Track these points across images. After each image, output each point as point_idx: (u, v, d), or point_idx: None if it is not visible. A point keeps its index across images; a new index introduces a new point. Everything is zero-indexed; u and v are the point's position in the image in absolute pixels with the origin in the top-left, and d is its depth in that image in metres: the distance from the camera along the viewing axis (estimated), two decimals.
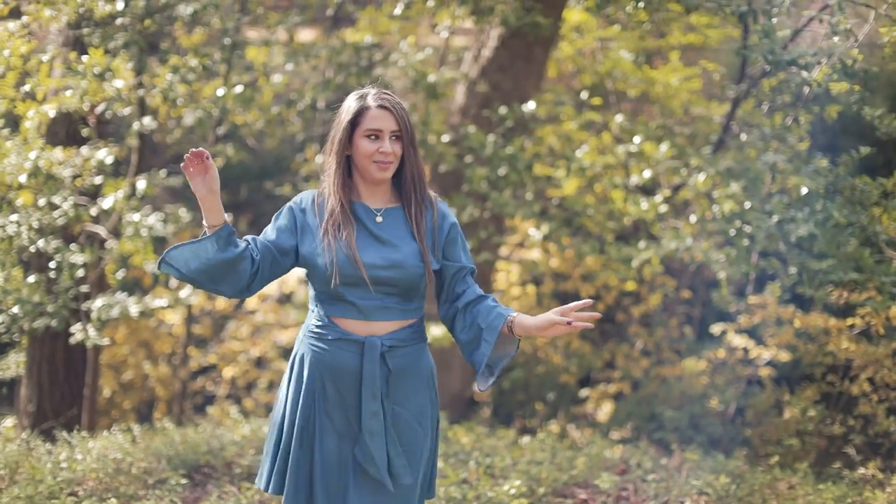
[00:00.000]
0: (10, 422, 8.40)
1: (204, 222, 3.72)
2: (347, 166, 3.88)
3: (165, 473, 5.82)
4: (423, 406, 3.90)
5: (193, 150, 3.64)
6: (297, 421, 3.85)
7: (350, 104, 3.85)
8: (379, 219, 3.84)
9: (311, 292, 3.92)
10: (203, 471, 6.21)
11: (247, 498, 5.51)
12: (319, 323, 3.85)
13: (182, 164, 3.66)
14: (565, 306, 3.69)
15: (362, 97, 3.84)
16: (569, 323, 3.65)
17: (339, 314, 3.82)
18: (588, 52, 10.10)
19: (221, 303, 11.13)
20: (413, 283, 3.80)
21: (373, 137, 3.79)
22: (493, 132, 8.50)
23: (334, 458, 3.81)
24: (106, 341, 7.31)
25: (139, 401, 11.09)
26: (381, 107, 3.82)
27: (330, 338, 3.82)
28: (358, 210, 3.85)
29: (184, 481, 5.70)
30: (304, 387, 3.86)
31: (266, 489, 3.93)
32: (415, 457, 3.85)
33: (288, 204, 3.94)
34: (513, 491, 5.64)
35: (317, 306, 3.88)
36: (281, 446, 3.89)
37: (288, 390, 3.93)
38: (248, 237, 3.83)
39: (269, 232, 3.87)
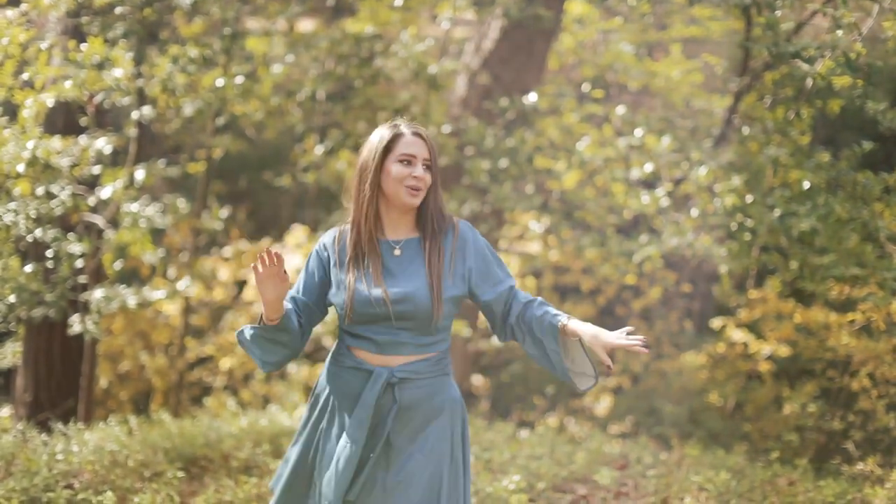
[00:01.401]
0: (6, 411, 8.37)
1: (262, 313, 3.77)
2: (377, 198, 3.86)
3: (162, 466, 5.78)
4: (436, 439, 3.84)
5: (268, 250, 3.64)
6: (304, 436, 3.98)
7: (382, 133, 3.85)
8: (397, 251, 3.85)
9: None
10: (200, 463, 6.18)
11: (244, 491, 5.48)
12: (339, 350, 3.92)
13: (252, 266, 3.67)
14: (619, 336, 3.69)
15: (394, 126, 3.85)
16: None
17: (356, 345, 3.84)
18: (589, 44, 10.06)
19: (219, 294, 11.10)
20: (426, 316, 3.77)
21: (405, 163, 3.79)
22: (493, 124, 8.47)
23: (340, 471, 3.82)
24: (103, 334, 7.27)
25: (136, 391, 11.06)
26: (416, 134, 3.84)
27: (345, 365, 3.86)
28: (381, 246, 3.85)
29: (180, 474, 5.66)
30: (317, 408, 3.96)
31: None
32: (409, 489, 3.78)
33: (314, 248, 3.98)
34: (512, 486, 5.61)
35: (340, 335, 3.94)
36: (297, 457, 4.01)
37: (312, 406, 4.02)
38: (288, 298, 3.91)
39: (303, 283, 3.95)
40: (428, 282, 3.77)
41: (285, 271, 3.65)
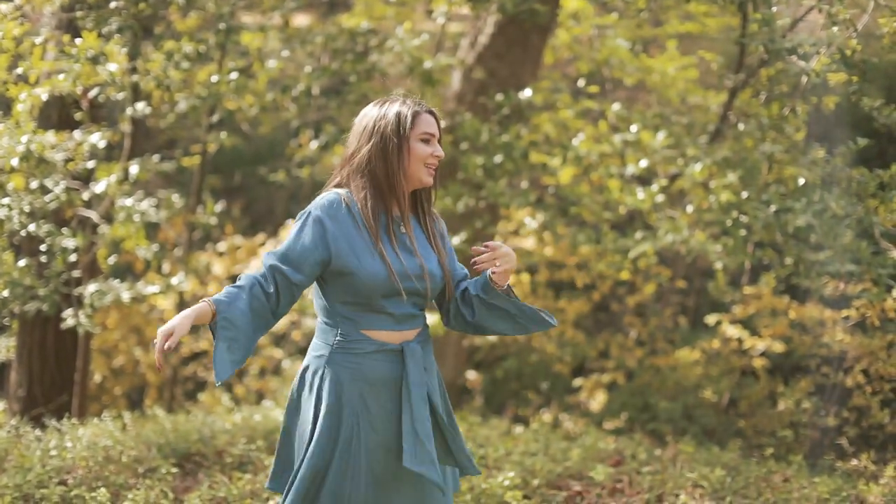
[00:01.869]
0: (0, 405, 8.36)
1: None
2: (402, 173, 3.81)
3: (156, 462, 5.77)
4: (441, 399, 3.91)
5: (157, 357, 3.62)
6: (339, 438, 3.72)
7: (399, 109, 3.79)
8: (404, 228, 3.81)
9: (324, 306, 3.81)
10: (194, 459, 6.17)
11: (238, 488, 5.47)
12: (348, 338, 3.75)
13: (157, 368, 3.64)
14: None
15: (407, 104, 3.81)
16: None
17: (370, 326, 3.74)
18: (585, 39, 10.04)
19: (213, 289, 11.08)
20: (437, 291, 3.84)
21: (426, 142, 3.79)
22: (489, 119, 8.46)
23: (383, 470, 3.74)
24: (97, 329, 7.26)
25: (130, 386, 11.06)
26: (430, 112, 3.84)
27: (367, 350, 3.73)
28: (393, 222, 3.81)
29: (174, 470, 5.65)
30: (342, 404, 3.73)
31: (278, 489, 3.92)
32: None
33: (310, 213, 3.75)
34: (507, 482, 5.60)
35: (339, 321, 3.77)
36: (313, 460, 3.72)
37: (316, 407, 3.77)
38: (257, 274, 3.72)
39: (297, 256, 3.70)
40: (437, 258, 3.82)
41: (173, 338, 3.63)
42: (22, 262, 6.90)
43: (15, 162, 6.55)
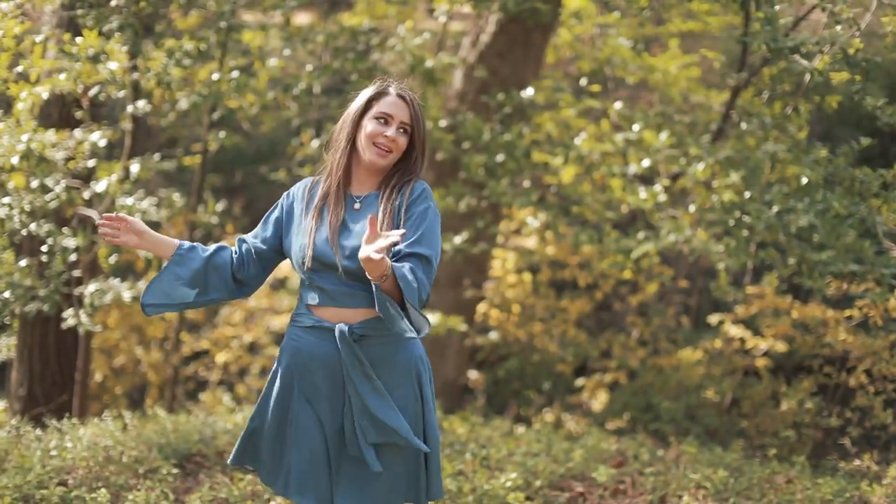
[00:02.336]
0: (1, 405, 8.34)
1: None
2: (352, 150, 3.84)
3: (156, 462, 5.75)
4: (405, 401, 3.81)
5: (104, 217, 3.70)
6: (271, 406, 3.89)
7: (370, 88, 3.85)
8: (357, 206, 3.81)
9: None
10: (195, 460, 6.15)
11: (239, 489, 5.45)
12: (298, 311, 3.87)
13: (102, 234, 3.71)
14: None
15: (385, 84, 3.85)
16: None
17: (312, 301, 3.79)
18: (587, 38, 10.02)
19: None
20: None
21: (381, 121, 3.77)
22: (490, 118, 8.44)
23: (316, 446, 3.79)
24: (98, 328, 7.25)
25: (131, 386, 11.04)
26: (400, 96, 3.81)
27: (306, 325, 3.81)
28: (346, 199, 3.83)
29: (175, 471, 5.63)
30: (279, 374, 3.88)
31: (233, 462, 4.01)
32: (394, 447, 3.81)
33: (282, 195, 3.98)
34: (509, 483, 5.59)
35: (300, 292, 3.89)
36: (252, 418, 3.95)
37: (272, 374, 3.95)
38: (238, 240, 3.94)
39: (259, 226, 3.96)
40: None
41: (125, 215, 3.72)
42: (23, 263, 6.88)
43: (15, 161, 6.53)
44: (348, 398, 3.75)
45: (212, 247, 3.90)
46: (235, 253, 3.92)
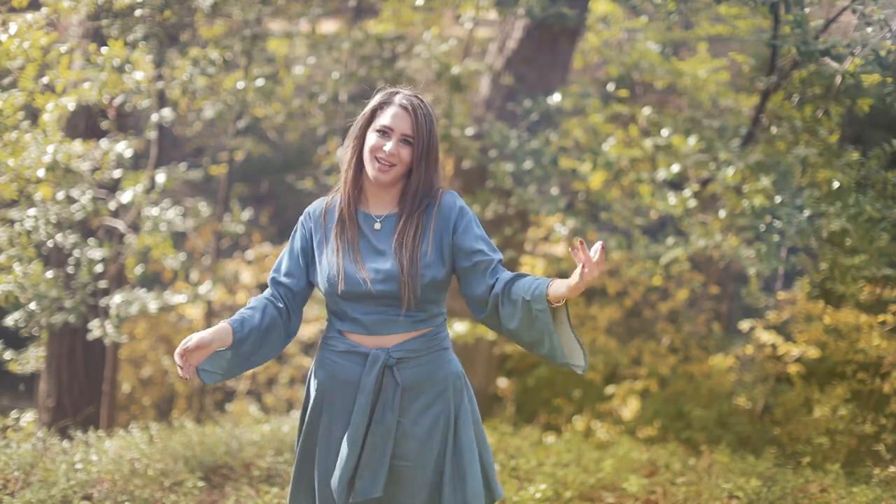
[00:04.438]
0: (30, 416, 8.34)
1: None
2: (360, 164, 3.73)
3: (182, 475, 5.71)
4: (436, 418, 3.73)
5: (180, 367, 3.51)
6: (303, 429, 3.83)
7: (376, 97, 3.72)
8: (377, 226, 3.70)
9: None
10: (221, 472, 6.11)
11: (265, 501, 5.42)
12: (329, 334, 3.78)
13: (183, 377, 3.55)
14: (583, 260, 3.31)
15: (391, 93, 3.70)
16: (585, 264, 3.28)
17: (346, 327, 3.70)
18: (614, 42, 9.95)
19: (242, 298, 11.05)
20: (417, 292, 3.61)
21: (382, 134, 3.63)
22: (517, 125, 8.39)
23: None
24: (125, 339, 7.24)
25: (159, 397, 11.04)
26: (402, 106, 3.64)
27: (339, 349, 3.72)
28: (360, 218, 3.72)
29: (201, 484, 5.59)
30: (312, 397, 3.81)
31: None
32: (416, 471, 3.72)
33: (299, 220, 3.86)
34: (539, 495, 5.53)
35: (330, 316, 3.79)
36: (299, 450, 3.88)
37: (306, 401, 3.88)
38: (270, 280, 3.82)
39: (286, 259, 3.81)
40: (396, 261, 3.60)
41: (191, 345, 3.47)
42: (49, 274, 6.88)
43: (42, 172, 6.53)
44: (376, 419, 3.68)
45: (258, 312, 3.68)
46: (280, 302, 3.74)
